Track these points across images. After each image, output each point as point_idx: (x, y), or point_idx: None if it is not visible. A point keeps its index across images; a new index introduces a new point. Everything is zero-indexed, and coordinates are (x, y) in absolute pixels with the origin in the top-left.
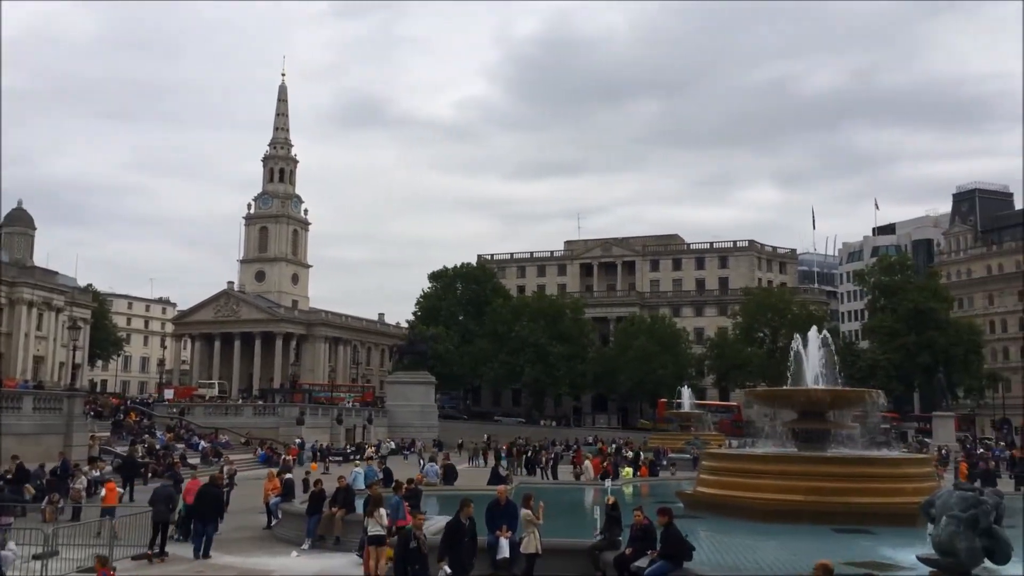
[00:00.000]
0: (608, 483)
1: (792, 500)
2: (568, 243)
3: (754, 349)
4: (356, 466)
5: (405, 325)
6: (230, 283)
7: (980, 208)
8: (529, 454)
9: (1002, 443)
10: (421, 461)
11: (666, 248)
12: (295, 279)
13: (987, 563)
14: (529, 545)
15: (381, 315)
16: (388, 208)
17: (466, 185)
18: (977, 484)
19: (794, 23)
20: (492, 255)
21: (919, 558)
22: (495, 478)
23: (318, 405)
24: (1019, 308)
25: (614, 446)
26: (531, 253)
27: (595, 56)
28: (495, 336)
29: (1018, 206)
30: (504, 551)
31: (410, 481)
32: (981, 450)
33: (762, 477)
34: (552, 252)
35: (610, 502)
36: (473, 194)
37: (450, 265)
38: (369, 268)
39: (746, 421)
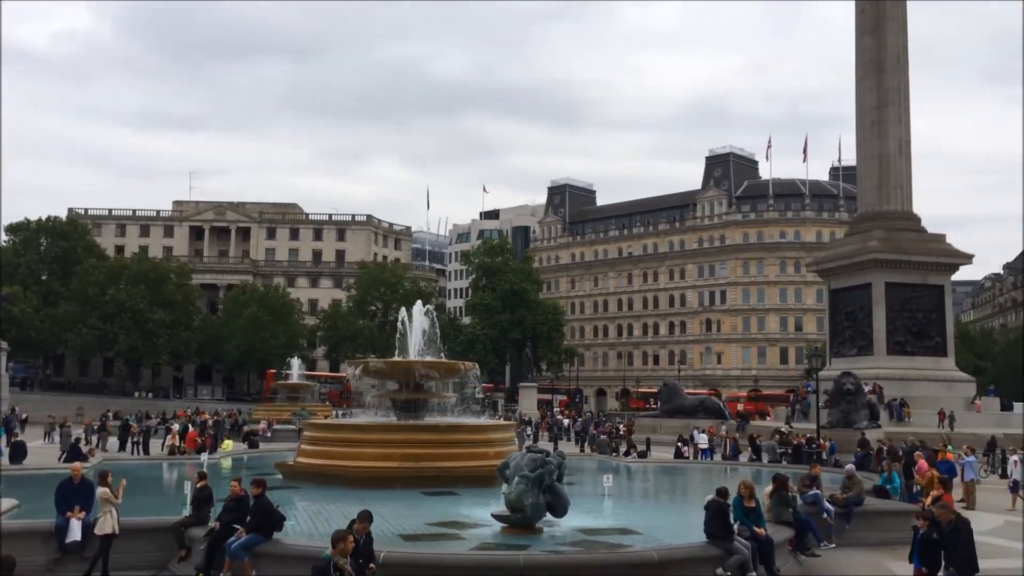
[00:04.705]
0: (205, 456)
1: (389, 467)
2: (177, 203)
3: (366, 322)
4: None
5: None
6: None
7: (569, 202)
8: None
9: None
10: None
11: (284, 217)
12: None
13: (549, 516)
14: (104, 526)
15: None
16: None
17: (64, 129)
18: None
19: (426, 6)
20: (87, 209)
21: (493, 515)
22: (73, 454)
23: None
24: (595, 292)
25: (216, 419)
26: (133, 211)
27: (222, 7)
28: (85, 299)
29: (600, 203)
30: (75, 534)
31: None
32: (559, 418)
33: (361, 446)
34: (159, 212)
35: (199, 484)
36: (71, 140)
37: (34, 217)
38: None
39: (356, 392)
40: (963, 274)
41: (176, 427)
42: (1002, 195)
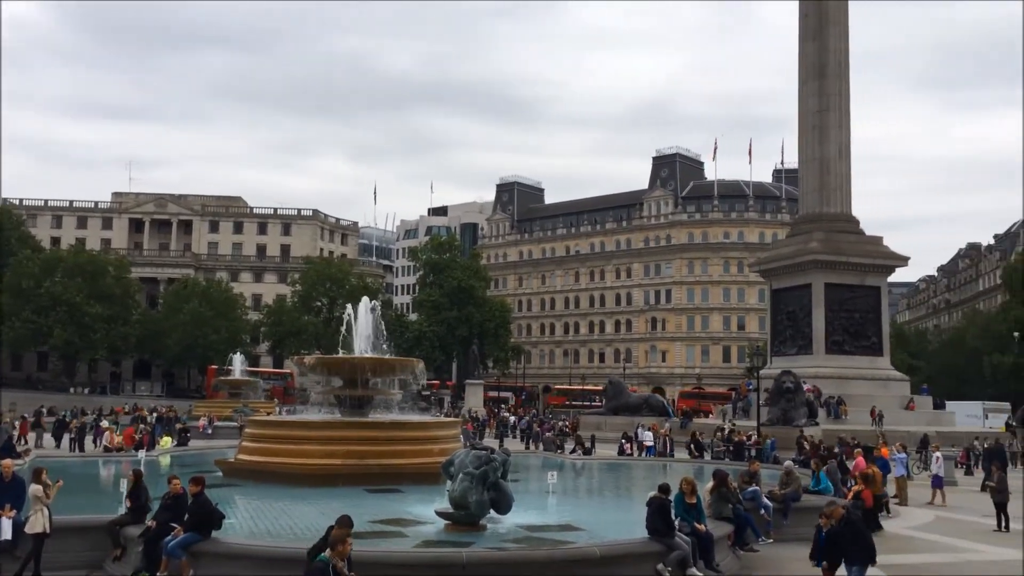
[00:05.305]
0: (142, 454)
1: (332, 464)
2: (116, 195)
3: (311, 318)
4: None
5: None
6: None
7: (518, 200)
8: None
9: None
10: None
11: (227, 210)
12: None
13: (493, 513)
14: (35, 524)
15: None
16: None
17: None
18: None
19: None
20: (21, 199)
21: (437, 512)
22: (5, 451)
23: None
24: (542, 290)
25: (155, 415)
26: (70, 202)
27: None
28: (19, 292)
29: (548, 201)
30: (5, 533)
31: None
32: (505, 415)
33: (304, 443)
34: (97, 203)
35: (134, 483)
36: (6, 128)
37: None
38: None
39: (300, 388)
40: (899, 276)
41: (105, 424)
42: (938, 198)
